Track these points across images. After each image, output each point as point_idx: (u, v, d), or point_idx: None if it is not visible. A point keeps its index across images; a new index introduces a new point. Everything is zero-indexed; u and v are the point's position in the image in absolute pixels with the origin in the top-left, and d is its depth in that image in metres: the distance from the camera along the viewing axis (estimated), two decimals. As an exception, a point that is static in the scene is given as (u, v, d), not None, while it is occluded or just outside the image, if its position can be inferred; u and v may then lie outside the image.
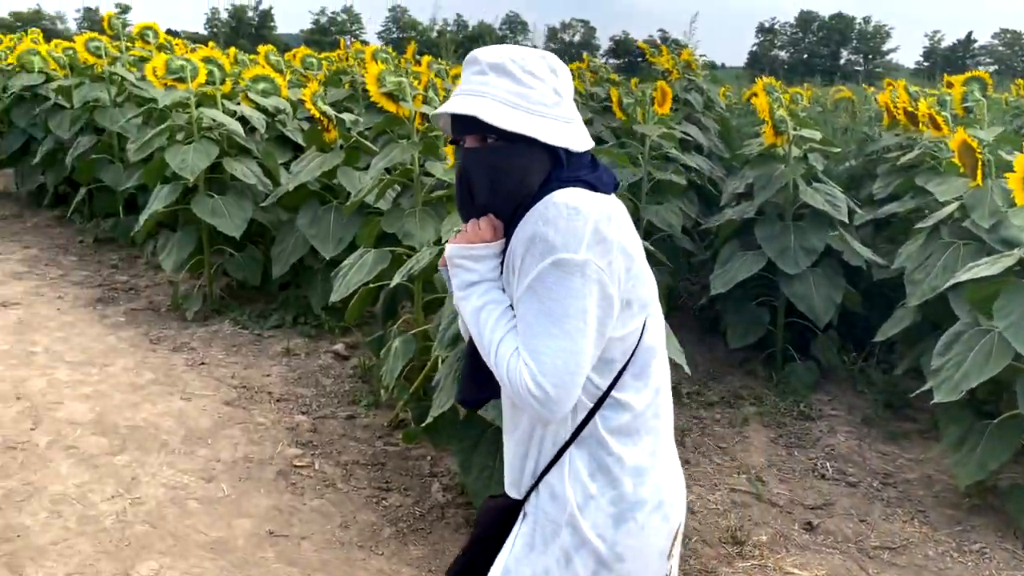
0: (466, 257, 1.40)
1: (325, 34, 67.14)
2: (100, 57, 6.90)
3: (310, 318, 5.03)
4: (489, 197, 1.38)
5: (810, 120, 5.05)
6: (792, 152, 4.56)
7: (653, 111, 5.38)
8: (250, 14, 74.45)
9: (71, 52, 7.51)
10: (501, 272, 1.40)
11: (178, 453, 3.43)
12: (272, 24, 74.73)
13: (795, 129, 4.51)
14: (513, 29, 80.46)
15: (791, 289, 4.34)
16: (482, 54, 1.38)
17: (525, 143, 1.34)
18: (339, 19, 75.34)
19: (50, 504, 2.98)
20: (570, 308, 1.27)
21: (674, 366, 2.41)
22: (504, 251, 1.39)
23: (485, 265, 1.39)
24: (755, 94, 6.83)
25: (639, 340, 1.38)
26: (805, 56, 76.25)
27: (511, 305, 1.36)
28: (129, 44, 7.64)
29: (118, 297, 5.52)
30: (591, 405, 1.37)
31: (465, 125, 1.37)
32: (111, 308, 5.25)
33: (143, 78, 6.61)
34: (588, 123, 6.84)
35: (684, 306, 5.64)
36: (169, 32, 10.00)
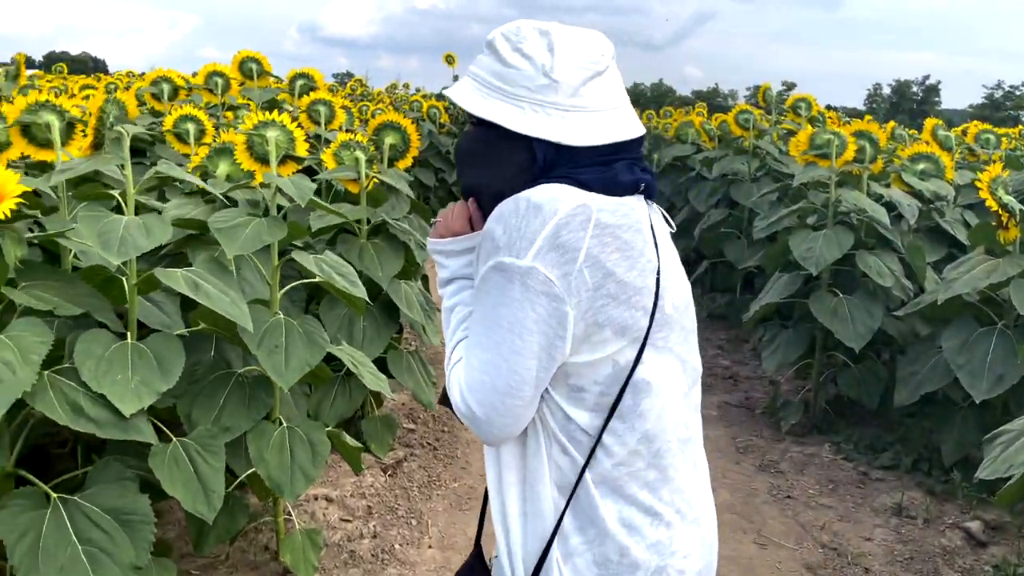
0: (437, 252, 1.31)
1: (998, 109, 60.47)
2: (747, 129, 6.70)
3: (935, 468, 3.83)
4: (465, 184, 1.30)
5: None
6: None
7: None
8: (914, 89, 71.51)
9: (724, 125, 7.53)
10: None
11: (734, 622, 2.71)
12: (936, 99, 70.50)
13: None
14: None
15: None
16: (494, 31, 1.22)
17: (498, 130, 1.19)
18: (1016, 93, 67.04)
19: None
20: (503, 319, 1.12)
21: None
22: None
23: (456, 261, 1.28)
24: None
25: (629, 374, 1.16)
26: None
27: None
28: (781, 118, 7.34)
29: (715, 384, 5.10)
30: (571, 446, 1.17)
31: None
32: (706, 396, 4.82)
33: (786, 153, 6.18)
34: None
35: None
36: (827, 107, 9.54)
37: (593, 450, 1.17)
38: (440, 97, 13.03)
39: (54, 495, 2.07)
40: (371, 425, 3.66)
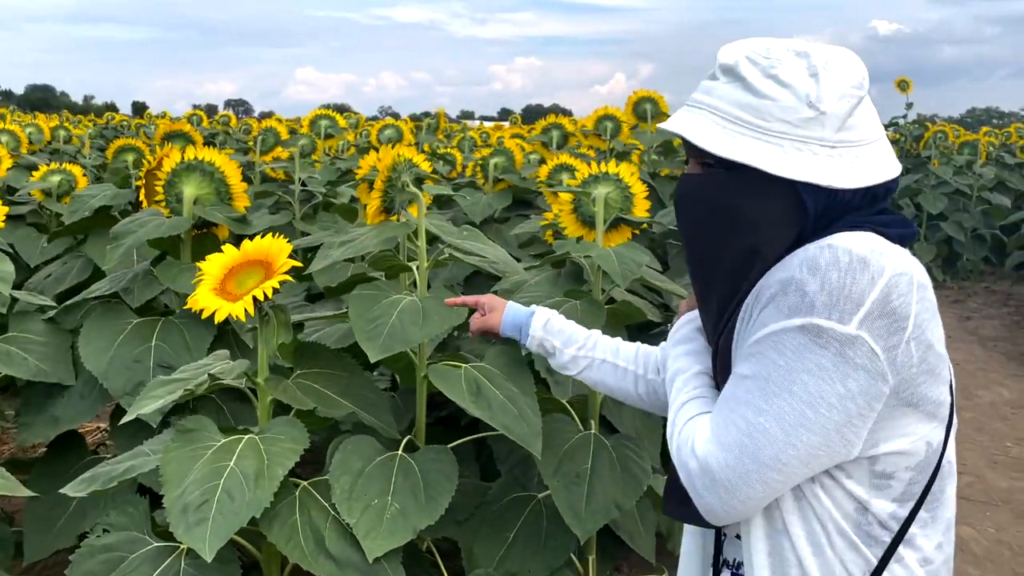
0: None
1: None
2: None
3: None
4: (702, 241, 1.06)
5: None
6: None
7: None
8: None
9: None
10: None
11: None
12: None
13: None
14: None
15: None
16: (721, 52, 1.02)
17: (754, 173, 0.97)
18: None
19: None
20: (797, 385, 0.92)
21: None
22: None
23: None
24: None
25: (939, 458, 1.00)
26: None
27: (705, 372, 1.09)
28: None
29: None
30: (861, 542, 0.97)
31: (688, 146, 1.04)
32: None
33: None
34: None
35: None
36: None
37: (895, 546, 0.99)
38: (887, 128, 11.38)
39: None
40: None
